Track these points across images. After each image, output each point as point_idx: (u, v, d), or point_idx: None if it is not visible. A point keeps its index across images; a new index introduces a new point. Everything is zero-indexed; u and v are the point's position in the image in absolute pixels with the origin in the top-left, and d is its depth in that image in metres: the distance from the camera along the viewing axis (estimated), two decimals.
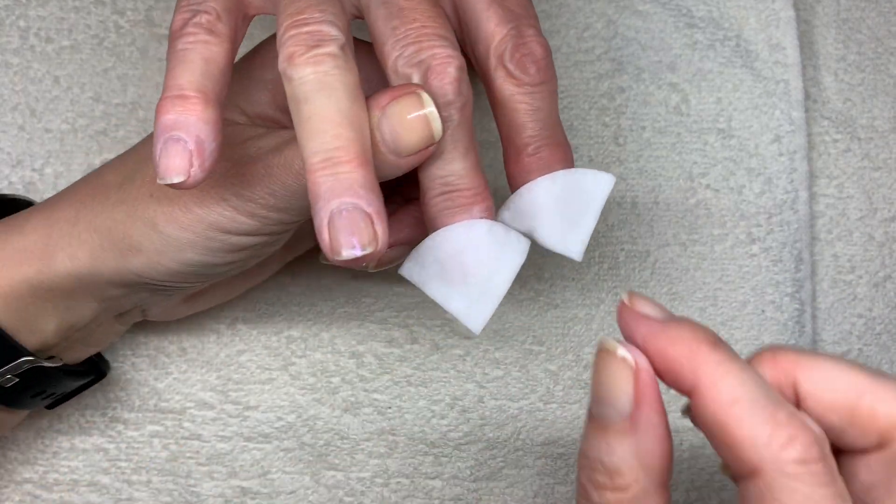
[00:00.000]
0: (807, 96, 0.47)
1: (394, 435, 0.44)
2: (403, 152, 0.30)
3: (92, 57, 0.46)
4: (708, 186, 0.46)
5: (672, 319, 0.27)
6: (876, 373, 0.27)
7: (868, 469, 0.26)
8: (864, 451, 0.26)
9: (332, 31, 0.29)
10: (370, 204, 0.28)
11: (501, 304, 0.43)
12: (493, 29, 0.33)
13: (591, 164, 0.46)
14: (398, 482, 0.43)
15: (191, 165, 0.29)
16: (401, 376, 0.44)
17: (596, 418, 0.27)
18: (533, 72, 0.33)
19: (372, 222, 0.28)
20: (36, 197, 0.44)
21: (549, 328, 0.45)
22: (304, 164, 0.29)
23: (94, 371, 0.41)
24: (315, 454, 0.44)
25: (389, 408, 0.44)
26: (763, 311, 0.45)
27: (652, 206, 0.46)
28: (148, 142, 0.37)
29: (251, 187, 0.32)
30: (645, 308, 0.27)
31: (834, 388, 0.26)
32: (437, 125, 0.30)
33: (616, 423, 0.26)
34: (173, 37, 0.31)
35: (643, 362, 0.26)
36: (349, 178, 0.28)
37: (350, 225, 0.28)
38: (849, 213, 0.46)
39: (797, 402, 0.27)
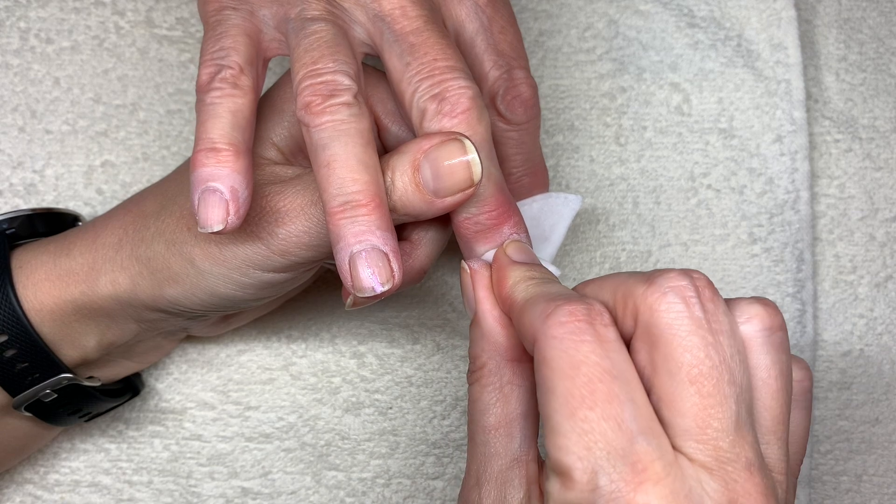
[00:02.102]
0: (808, 96, 0.47)
1: (395, 435, 0.44)
2: (442, 194, 0.32)
3: (92, 58, 0.46)
4: (709, 186, 0.46)
5: (512, 263, 0.32)
6: (629, 273, 0.30)
7: (637, 352, 0.28)
8: (631, 337, 0.29)
9: (346, 81, 0.31)
10: (387, 243, 0.31)
11: None
12: (487, 71, 0.37)
13: (593, 163, 0.46)
14: (399, 482, 0.43)
15: (227, 214, 0.31)
16: (402, 376, 0.44)
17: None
18: (521, 112, 0.37)
19: (389, 261, 0.31)
20: (37, 199, 0.44)
21: None
22: (324, 207, 0.31)
23: (130, 389, 0.42)
24: (316, 454, 0.44)
25: (391, 408, 0.44)
26: None
27: (653, 206, 0.46)
28: (184, 169, 0.38)
29: (285, 226, 0.33)
30: (511, 252, 0.33)
31: (600, 288, 0.30)
32: (477, 170, 0.32)
33: (470, 319, 0.33)
34: (201, 91, 0.32)
35: (477, 267, 0.33)
36: (367, 220, 0.30)
37: (370, 264, 0.30)
38: (850, 214, 0.46)
39: None
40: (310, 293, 0.44)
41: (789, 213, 0.45)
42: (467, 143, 0.32)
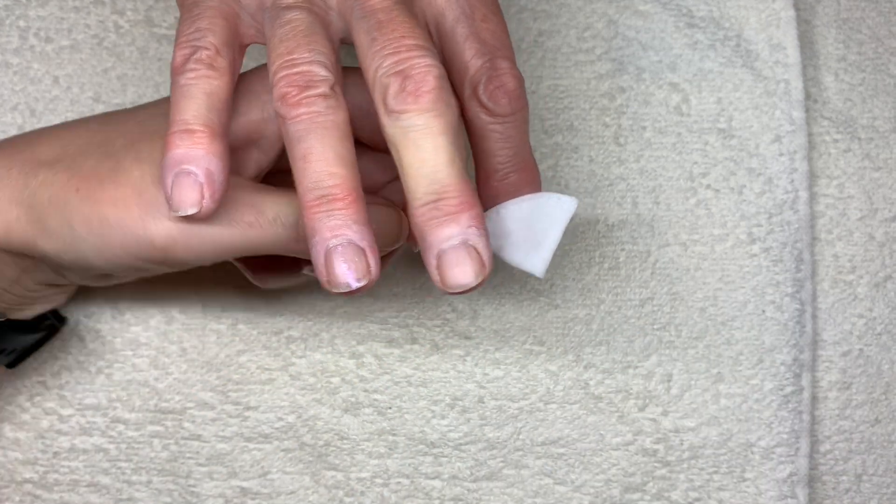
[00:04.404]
0: (807, 96, 0.47)
1: (394, 435, 0.44)
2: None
3: (92, 57, 0.46)
4: (708, 186, 0.46)
5: None
6: None
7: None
8: None
9: (322, 72, 0.31)
10: (363, 238, 0.30)
11: (502, 305, 0.44)
12: (468, 60, 0.35)
13: (592, 163, 0.46)
14: (398, 482, 0.43)
15: (202, 197, 0.31)
16: (401, 376, 0.44)
17: None
18: (505, 103, 0.35)
19: (366, 255, 0.30)
20: None
21: (549, 328, 0.45)
22: (300, 201, 0.30)
23: (48, 326, 0.41)
24: (315, 454, 0.44)
25: (389, 408, 0.44)
26: (763, 311, 0.45)
27: (652, 206, 0.46)
28: (95, 128, 0.37)
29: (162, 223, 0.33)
30: None
31: None
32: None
33: None
34: (175, 72, 0.32)
35: None
36: (343, 214, 0.30)
37: (346, 259, 0.30)
38: (849, 214, 0.46)
39: None
40: (310, 293, 0.44)
41: (788, 212, 0.45)
42: None
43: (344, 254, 0.30)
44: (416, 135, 0.30)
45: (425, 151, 0.30)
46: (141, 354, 0.44)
